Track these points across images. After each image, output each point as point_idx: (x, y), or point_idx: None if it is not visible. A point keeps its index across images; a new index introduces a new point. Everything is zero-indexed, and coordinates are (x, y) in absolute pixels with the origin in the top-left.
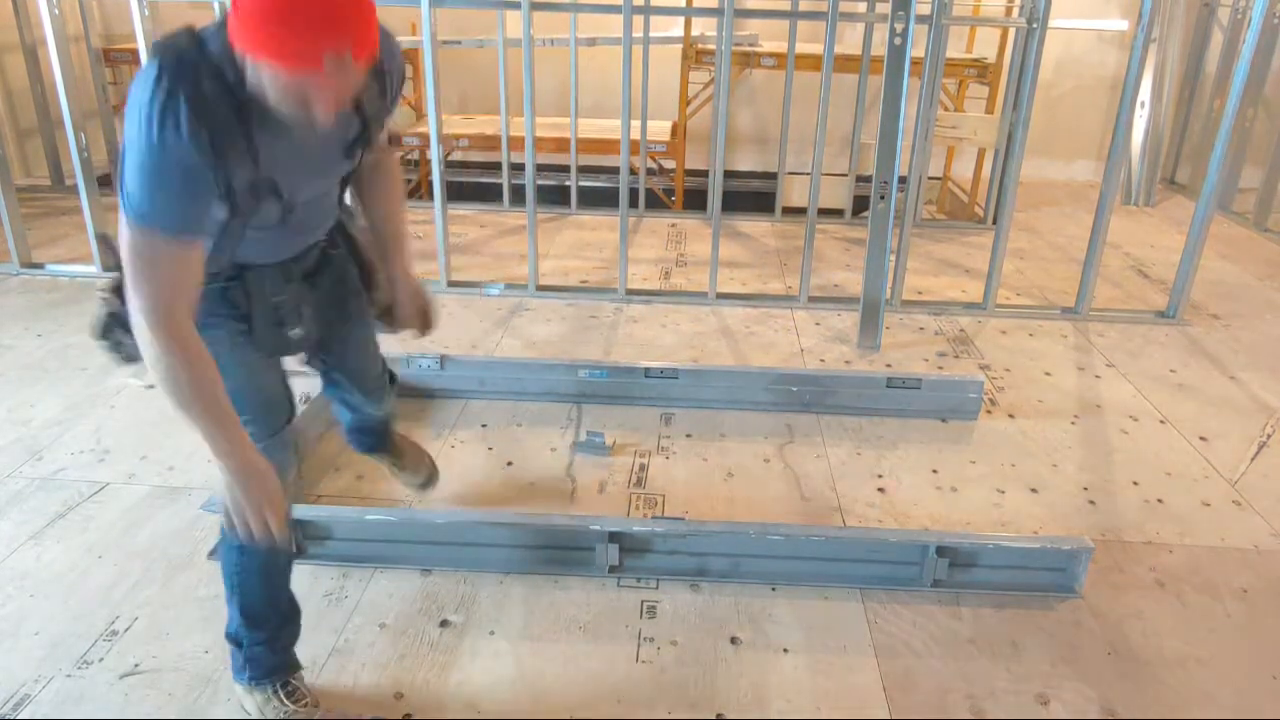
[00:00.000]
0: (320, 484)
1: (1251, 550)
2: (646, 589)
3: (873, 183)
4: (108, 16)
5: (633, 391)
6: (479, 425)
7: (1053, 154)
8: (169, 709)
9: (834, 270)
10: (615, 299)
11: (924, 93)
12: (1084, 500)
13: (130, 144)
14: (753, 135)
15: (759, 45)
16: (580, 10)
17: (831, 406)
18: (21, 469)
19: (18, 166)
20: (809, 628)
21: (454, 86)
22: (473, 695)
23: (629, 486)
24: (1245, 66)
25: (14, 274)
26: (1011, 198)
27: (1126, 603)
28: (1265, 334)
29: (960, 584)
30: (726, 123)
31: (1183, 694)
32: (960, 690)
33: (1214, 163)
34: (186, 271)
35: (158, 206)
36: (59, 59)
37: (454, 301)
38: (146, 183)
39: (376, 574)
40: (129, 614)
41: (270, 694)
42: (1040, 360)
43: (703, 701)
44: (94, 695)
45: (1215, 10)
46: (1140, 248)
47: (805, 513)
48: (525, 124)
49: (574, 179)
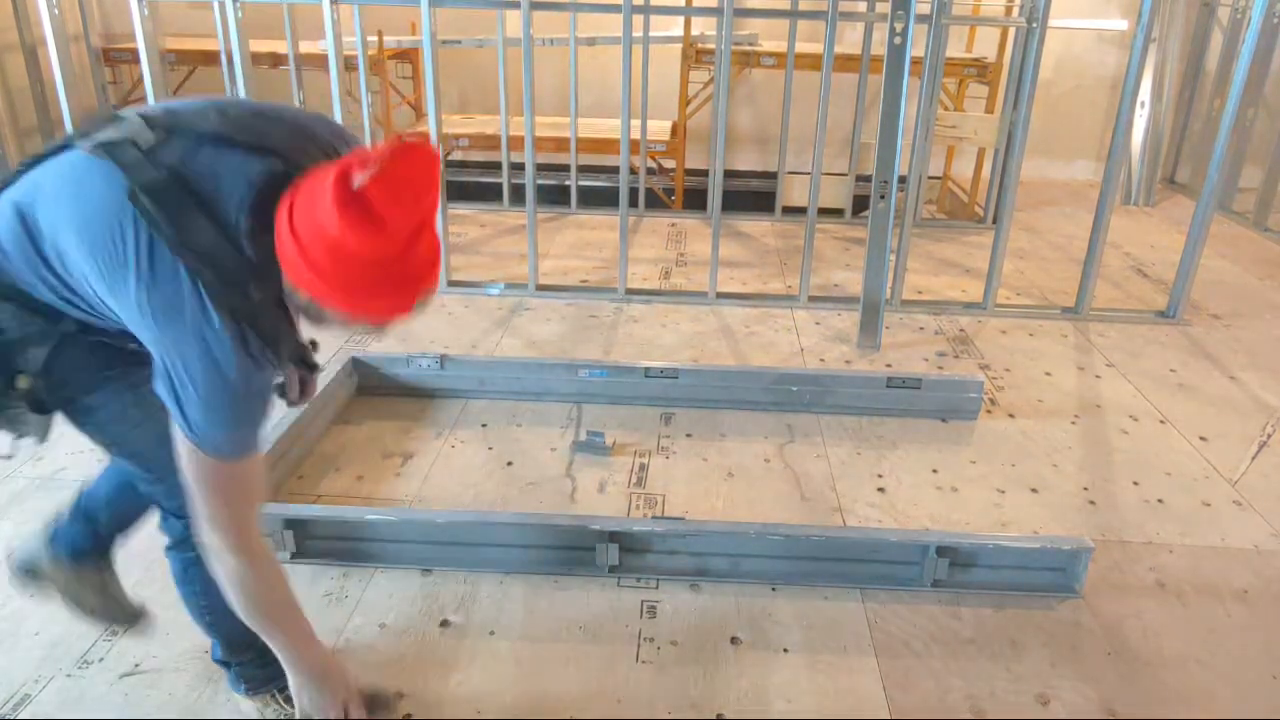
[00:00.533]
0: (320, 484)
1: (1251, 550)
2: (646, 589)
3: (873, 182)
4: (107, 16)
5: (633, 391)
6: (479, 425)
7: (1053, 154)
8: (169, 709)
9: (834, 270)
10: (615, 298)
11: (924, 92)
12: (1084, 500)
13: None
14: (753, 135)
15: (759, 45)
16: (580, 10)
17: (831, 406)
18: (21, 469)
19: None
20: (809, 628)
21: (454, 86)
22: (473, 695)
23: (629, 486)
24: (1245, 66)
25: None
26: (1011, 197)
27: (1126, 603)
28: (1265, 334)
29: (960, 584)
30: (726, 122)
31: (1183, 694)
32: (960, 690)
33: (1214, 162)
34: (259, 481)
35: (236, 438)
36: (59, 59)
37: (454, 301)
38: (223, 418)
39: (376, 574)
40: None
41: (269, 699)
42: (1040, 360)
43: (703, 701)
44: (94, 695)
45: (1215, 10)
46: (1140, 248)
47: (805, 513)
48: (525, 123)
49: (574, 178)
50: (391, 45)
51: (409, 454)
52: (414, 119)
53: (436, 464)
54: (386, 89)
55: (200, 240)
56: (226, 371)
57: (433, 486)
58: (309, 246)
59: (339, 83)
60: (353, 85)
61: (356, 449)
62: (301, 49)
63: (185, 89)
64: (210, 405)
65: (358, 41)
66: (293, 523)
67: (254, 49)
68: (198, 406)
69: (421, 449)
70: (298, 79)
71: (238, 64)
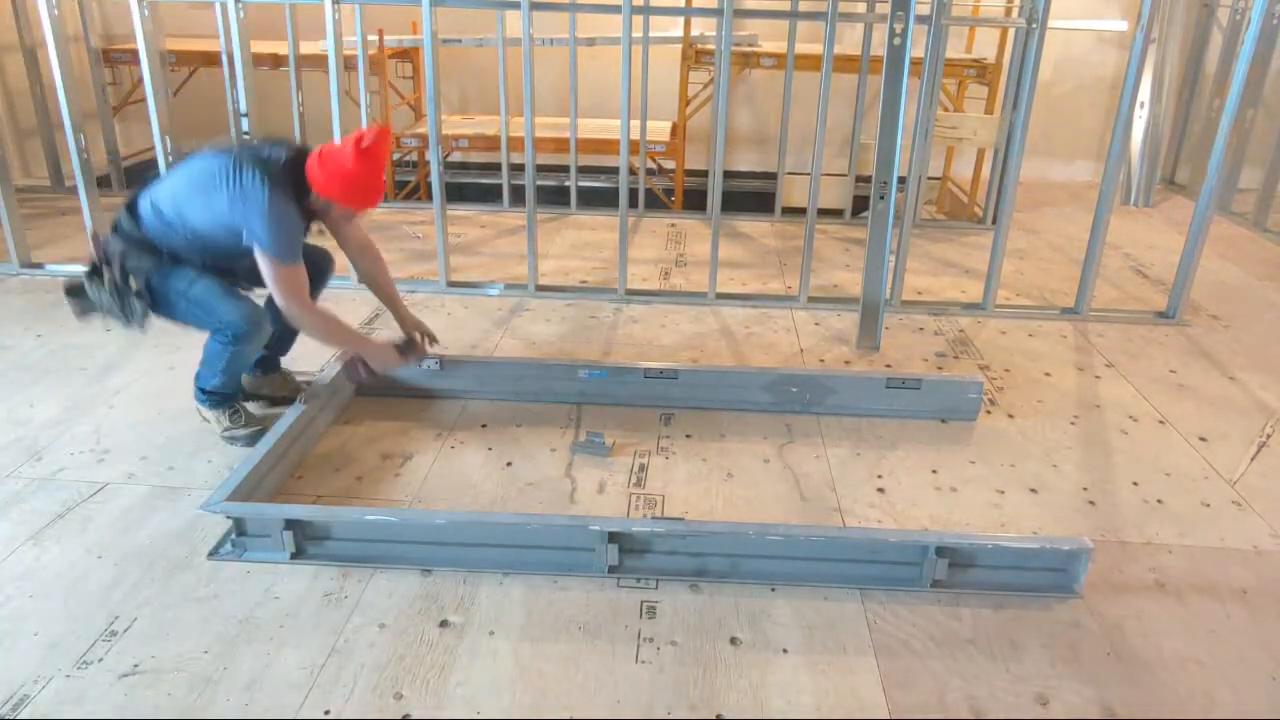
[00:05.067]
0: (320, 484)
1: (1251, 551)
2: (646, 589)
3: (872, 183)
4: (107, 17)
5: (632, 392)
6: (479, 425)
7: (1053, 154)
8: (169, 709)
9: (834, 270)
10: (615, 299)
11: (924, 93)
12: (1084, 500)
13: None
14: (752, 135)
15: (758, 45)
16: (580, 10)
17: (831, 407)
18: (21, 469)
19: (17, 167)
20: (809, 628)
21: (454, 86)
22: (472, 696)
23: (629, 487)
24: (1244, 67)
25: (13, 274)
26: (1011, 198)
27: (1126, 603)
28: (1265, 334)
29: (960, 584)
30: (726, 123)
31: (1183, 694)
32: (960, 690)
33: (1213, 163)
34: (304, 279)
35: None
36: (58, 60)
37: (454, 302)
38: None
39: (376, 574)
40: (128, 614)
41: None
42: (1040, 360)
43: (702, 702)
44: (93, 695)
45: (1214, 10)
46: (1140, 248)
47: (805, 513)
48: (525, 124)
49: (574, 179)
50: (392, 45)
51: (409, 454)
52: (414, 119)
53: (436, 464)
54: (386, 89)
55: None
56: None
57: (432, 487)
58: (334, 172)
59: (338, 83)
60: (352, 85)
61: (356, 449)
62: (301, 49)
63: (185, 90)
64: (271, 231)
65: (358, 41)
66: (293, 523)
67: (254, 50)
68: (266, 231)
69: (421, 449)
70: (297, 80)
71: (239, 65)
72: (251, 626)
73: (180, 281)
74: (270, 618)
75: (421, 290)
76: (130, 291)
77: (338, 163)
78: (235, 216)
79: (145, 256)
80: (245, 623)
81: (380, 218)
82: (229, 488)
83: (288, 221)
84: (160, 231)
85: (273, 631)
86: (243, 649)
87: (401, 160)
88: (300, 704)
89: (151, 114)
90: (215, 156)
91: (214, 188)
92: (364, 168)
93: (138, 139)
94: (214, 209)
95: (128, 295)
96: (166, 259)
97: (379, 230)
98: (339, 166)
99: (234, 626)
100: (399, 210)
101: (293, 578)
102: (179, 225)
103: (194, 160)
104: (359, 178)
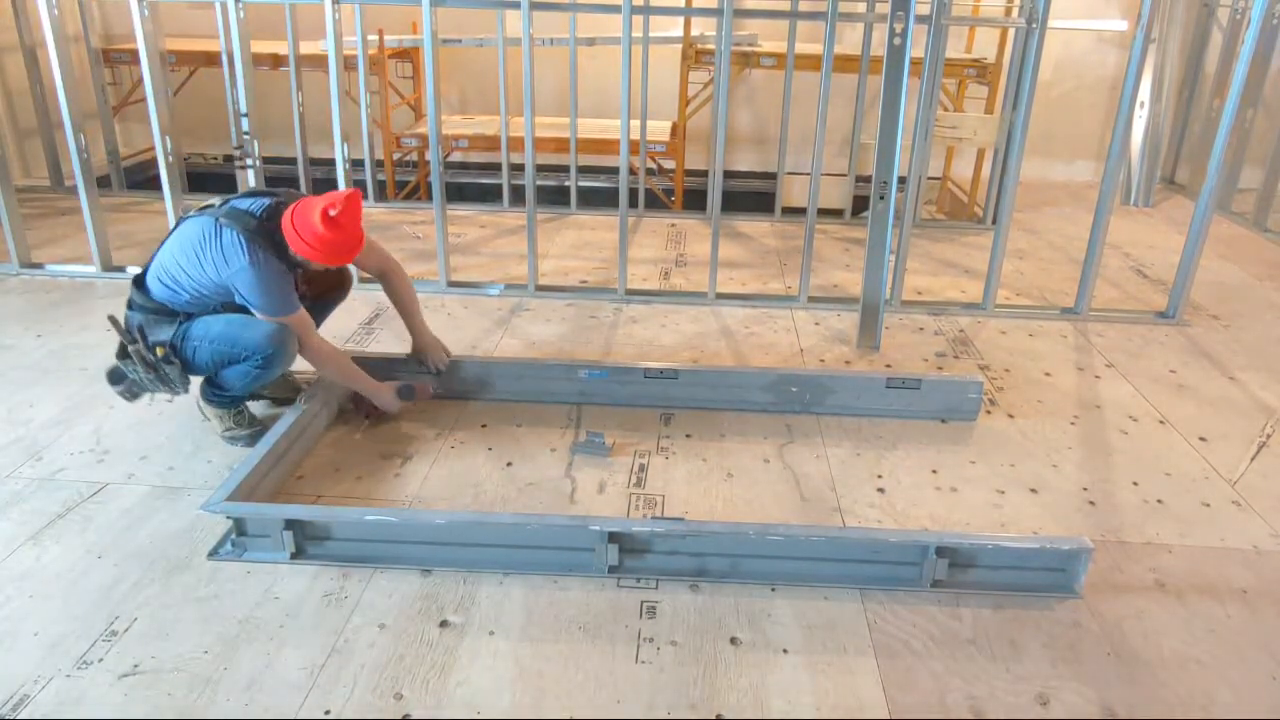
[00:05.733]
0: (320, 484)
1: (1251, 551)
2: (646, 589)
3: (872, 183)
4: (107, 17)
5: (632, 392)
6: (479, 425)
7: (1052, 154)
8: (169, 709)
9: (834, 270)
10: (615, 299)
11: (924, 93)
12: (1084, 500)
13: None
14: (752, 135)
15: (758, 45)
16: (580, 10)
17: (831, 407)
18: (21, 469)
19: (17, 167)
20: (809, 628)
21: (454, 86)
22: (472, 696)
23: (629, 487)
24: (1244, 67)
25: (13, 274)
26: (1011, 198)
27: (1126, 603)
28: (1265, 334)
29: (960, 584)
30: (726, 123)
31: (1183, 694)
32: (960, 690)
33: (1213, 163)
34: (309, 321)
35: (281, 303)
36: (58, 60)
37: (454, 302)
38: (271, 296)
39: (376, 574)
40: (129, 614)
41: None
42: (1040, 360)
43: (702, 702)
44: (93, 695)
45: (1214, 10)
46: (1140, 248)
47: (805, 513)
48: (525, 124)
49: (574, 179)
50: (392, 45)
51: (409, 454)
52: (414, 119)
53: (436, 464)
54: (386, 89)
55: (244, 224)
56: (260, 270)
57: (432, 487)
58: (303, 234)
59: (338, 83)
60: (352, 85)
61: (356, 449)
62: (301, 49)
63: (185, 90)
64: (259, 291)
65: (358, 41)
66: (293, 523)
67: (254, 50)
68: (253, 294)
69: (421, 449)
70: (297, 80)
71: (239, 65)
72: (251, 626)
73: (199, 328)
74: (270, 618)
75: (422, 290)
76: (160, 360)
77: (308, 226)
78: (223, 279)
79: (163, 324)
80: (245, 623)
81: (380, 218)
82: (229, 488)
83: (271, 278)
84: (169, 297)
85: (273, 631)
86: (243, 649)
87: (402, 160)
88: (300, 704)
89: (151, 114)
90: (198, 220)
91: (200, 251)
92: (334, 235)
93: (138, 139)
94: (205, 273)
95: (160, 366)
96: (182, 319)
97: (379, 230)
98: (310, 230)
99: (234, 626)
100: (399, 210)
101: (293, 578)
102: (182, 289)
103: (183, 225)
104: (330, 242)
